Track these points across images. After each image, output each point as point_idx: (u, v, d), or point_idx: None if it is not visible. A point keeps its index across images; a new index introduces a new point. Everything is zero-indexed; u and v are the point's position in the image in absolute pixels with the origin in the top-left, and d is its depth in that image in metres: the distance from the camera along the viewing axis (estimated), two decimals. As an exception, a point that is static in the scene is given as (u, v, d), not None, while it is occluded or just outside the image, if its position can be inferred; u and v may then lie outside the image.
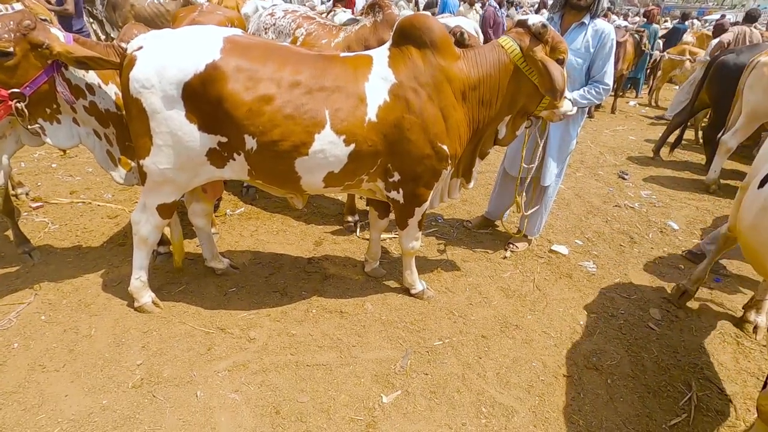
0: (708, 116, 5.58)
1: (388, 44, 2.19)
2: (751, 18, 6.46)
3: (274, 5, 3.61)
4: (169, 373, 2.07)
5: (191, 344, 2.23)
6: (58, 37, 2.01)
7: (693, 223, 3.93)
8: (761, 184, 1.91)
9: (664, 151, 5.65)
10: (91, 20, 5.57)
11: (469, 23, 3.13)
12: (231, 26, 2.78)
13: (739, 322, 2.66)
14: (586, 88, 2.75)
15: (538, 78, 2.13)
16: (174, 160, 2.04)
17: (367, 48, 2.92)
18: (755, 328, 2.59)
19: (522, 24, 2.15)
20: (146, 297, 2.40)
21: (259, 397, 1.99)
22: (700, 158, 5.63)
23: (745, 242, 1.99)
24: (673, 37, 9.06)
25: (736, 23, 6.88)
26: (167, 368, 2.09)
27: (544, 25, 2.08)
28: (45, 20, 2.05)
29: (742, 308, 2.71)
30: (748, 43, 5.75)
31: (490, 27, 7.53)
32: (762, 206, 1.82)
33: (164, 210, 2.22)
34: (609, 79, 2.72)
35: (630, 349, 2.43)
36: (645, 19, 8.89)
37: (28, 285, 2.56)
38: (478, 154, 2.41)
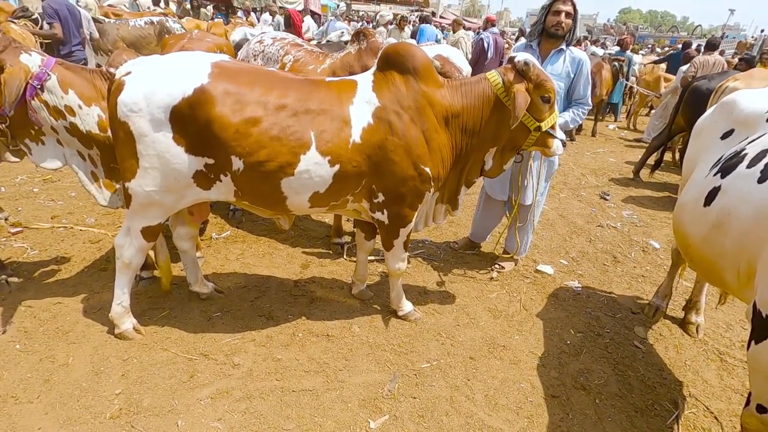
0: (684, 138, 5.80)
1: (372, 69, 2.25)
2: (711, 47, 6.92)
3: (263, 33, 3.70)
4: (149, 402, 2.00)
5: (173, 371, 2.17)
6: (27, 64, 2.03)
7: (673, 242, 4.02)
8: (706, 202, 1.98)
9: (644, 173, 5.83)
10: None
11: (455, 52, 3.25)
12: (220, 53, 2.83)
13: (683, 324, 2.82)
14: (573, 110, 2.92)
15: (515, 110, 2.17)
16: (160, 182, 2.04)
17: (352, 74, 3.00)
18: (697, 328, 2.77)
19: (510, 60, 2.25)
20: (127, 323, 2.34)
21: (243, 426, 1.93)
22: (677, 179, 5.81)
23: (698, 255, 2.06)
24: (672, 64, 9.31)
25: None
26: (147, 397, 2.02)
27: (526, 63, 2.17)
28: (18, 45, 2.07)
29: (683, 310, 2.86)
30: (711, 70, 6.13)
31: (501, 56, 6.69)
32: (714, 224, 1.89)
33: (149, 233, 2.20)
34: (589, 100, 2.96)
35: (617, 368, 2.44)
36: (619, 47, 9.32)
37: (4, 313, 2.47)
38: (464, 182, 2.45)
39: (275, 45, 3.44)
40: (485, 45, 6.82)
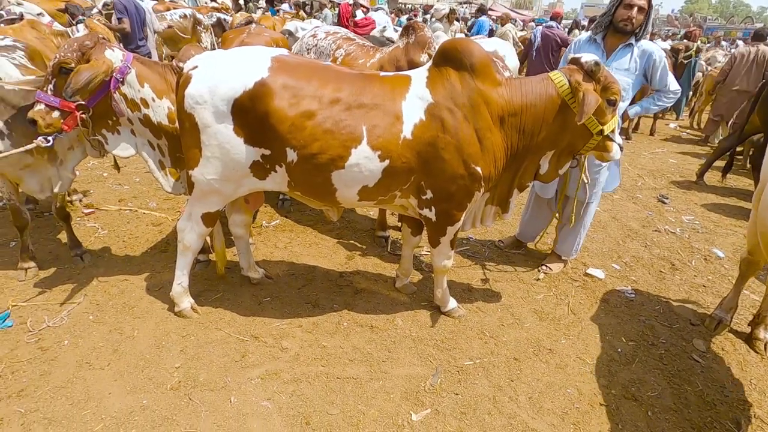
0: (761, 140, 5.33)
1: (428, 65, 2.24)
2: (759, 37, 6.61)
3: (316, 27, 3.78)
4: (204, 377, 2.13)
5: (226, 350, 2.30)
6: (111, 59, 2.17)
7: (740, 252, 3.73)
8: None
9: (709, 176, 5.43)
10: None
11: (506, 45, 3.17)
12: (276, 47, 2.92)
13: (749, 340, 2.61)
14: (655, 96, 2.80)
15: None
16: (221, 171, 2.15)
17: (399, 68, 3.00)
18: (766, 345, 2.55)
19: (575, 61, 2.16)
20: (186, 302, 2.50)
21: (290, 407, 2.02)
22: (747, 183, 5.38)
23: None
24: None
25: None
26: (203, 372, 2.16)
27: (596, 63, 2.08)
28: (104, 39, 2.23)
29: (749, 325, 2.65)
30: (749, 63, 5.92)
31: (552, 52, 6.26)
32: None
33: (208, 219, 2.33)
34: (675, 86, 2.76)
35: (672, 380, 2.32)
36: (687, 40, 8.75)
37: (79, 286, 2.71)
38: (517, 185, 2.39)
39: (328, 39, 3.49)
40: (532, 38, 6.65)
